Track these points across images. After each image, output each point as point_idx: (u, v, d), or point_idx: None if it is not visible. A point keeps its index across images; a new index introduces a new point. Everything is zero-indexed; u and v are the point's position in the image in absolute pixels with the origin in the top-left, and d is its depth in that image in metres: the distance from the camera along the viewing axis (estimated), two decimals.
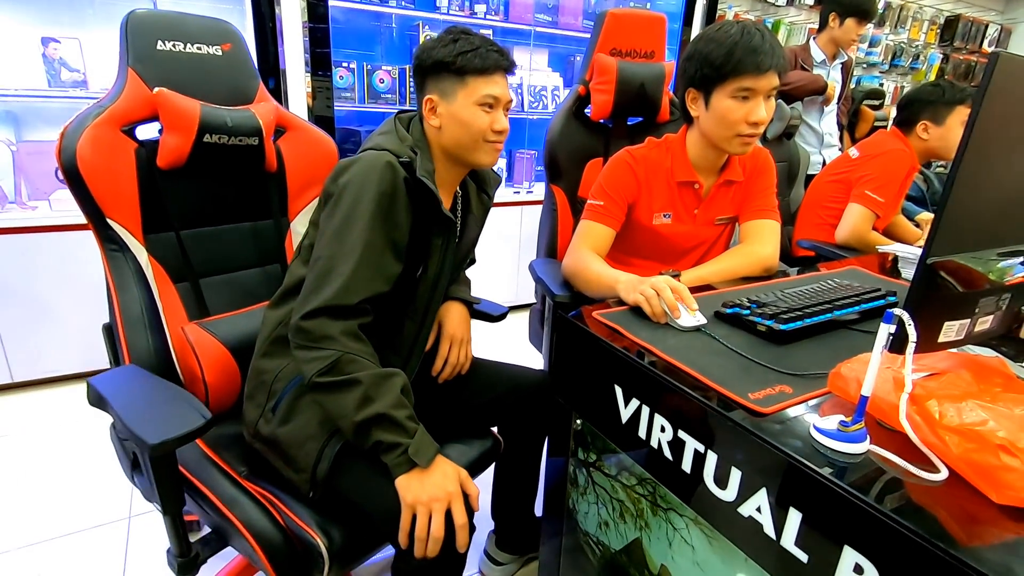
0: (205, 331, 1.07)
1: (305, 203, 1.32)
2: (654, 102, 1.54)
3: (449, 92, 0.97)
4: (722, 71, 1.09)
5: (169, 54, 1.09)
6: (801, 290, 1.00)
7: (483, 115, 0.97)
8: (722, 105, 1.11)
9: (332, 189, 0.91)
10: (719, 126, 1.14)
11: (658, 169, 1.26)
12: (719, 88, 1.11)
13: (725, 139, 1.15)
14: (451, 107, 0.97)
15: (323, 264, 0.87)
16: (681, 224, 1.30)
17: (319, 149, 1.32)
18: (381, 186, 0.88)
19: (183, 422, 0.76)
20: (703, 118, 1.17)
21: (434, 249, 1.00)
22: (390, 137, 0.97)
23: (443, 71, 0.96)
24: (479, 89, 0.96)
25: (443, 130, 0.99)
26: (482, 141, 0.99)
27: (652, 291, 0.92)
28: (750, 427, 0.64)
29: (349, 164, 0.91)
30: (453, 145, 1.00)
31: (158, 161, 1.07)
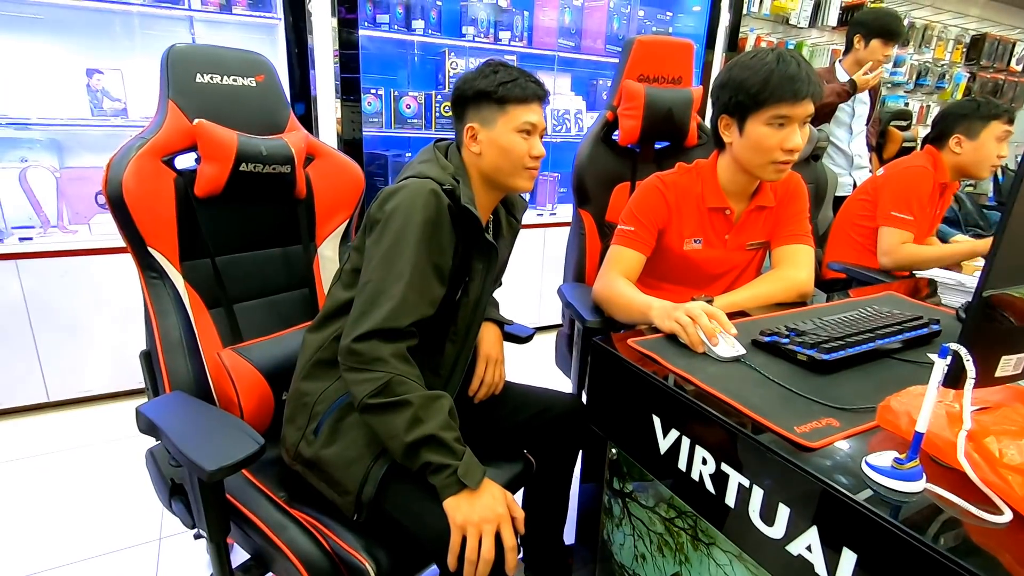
0: (240, 356, 1.09)
1: (332, 228, 1.34)
2: (682, 127, 1.54)
3: (490, 120, 1.01)
4: (758, 98, 1.08)
5: (207, 86, 1.13)
6: (840, 317, 0.98)
7: (521, 141, 1.00)
8: (757, 132, 1.11)
9: (379, 215, 0.93)
10: (754, 153, 1.13)
11: (689, 194, 1.26)
12: (754, 115, 1.11)
13: (759, 166, 1.15)
14: (491, 134, 1.01)
15: (373, 288, 0.88)
16: (712, 249, 1.29)
17: (346, 175, 1.34)
18: (426, 212, 0.90)
19: (238, 448, 0.76)
20: (736, 145, 1.16)
21: (475, 273, 1.02)
22: (432, 165, 1.00)
23: (484, 100, 1.00)
24: (518, 116, 0.99)
25: (483, 156, 1.02)
26: (520, 167, 1.02)
27: (688, 318, 0.91)
28: (798, 462, 0.62)
29: (395, 191, 0.93)
30: (493, 170, 1.03)
31: (196, 190, 1.10)
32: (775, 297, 1.19)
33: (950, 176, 1.77)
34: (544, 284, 2.89)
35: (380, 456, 0.89)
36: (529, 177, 1.04)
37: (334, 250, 1.35)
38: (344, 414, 0.94)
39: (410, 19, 2.51)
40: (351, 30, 2.20)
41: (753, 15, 3.45)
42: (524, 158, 1.01)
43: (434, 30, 2.58)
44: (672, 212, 1.26)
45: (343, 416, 0.93)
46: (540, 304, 2.94)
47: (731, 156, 1.20)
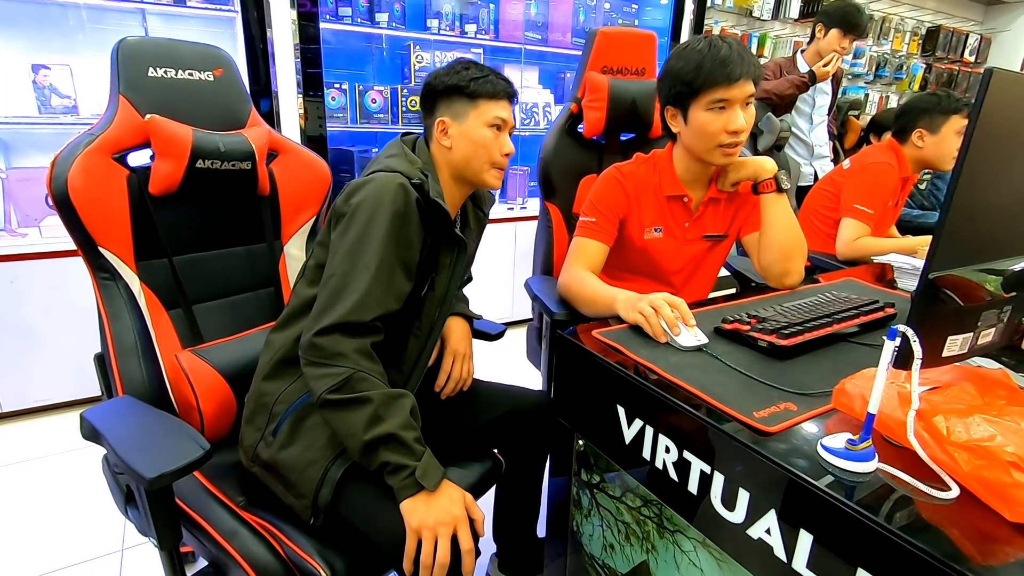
0: (199, 358, 1.06)
1: (298, 226, 1.32)
2: (646, 118, 1.55)
3: (460, 114, 1.01)
4: (693, 86, 1.10)
5: (161, 81, 1.09)
6: (799, 303, 1.00)
7: (492, 135, 1.01)
8: (699, 119, 1.12)
9: (344, 209, 0.91)
10: (699, 139, 1.15)
11: (647, 184, 1.27)
12: (694, 103, 1.12)
13: (707, 151, 1.16)
14: (462, 127, 1.01)
15: (336, 281, 0.87)
16: (672, 239, 1.30)
17: (312, 172, 1.31)
18: (395, 206, 0.89)
19: (181, 454, 0.74)
20: (684, 133, 1.18)
21: (442, 267, 1.01)
22: (399, 159, 0.99)
23: (456, 94, 1.01)
24: (489, 111, 1.01)
25: (454, 150, 1.02)
26: (490, 162, 1.03)
27: (651, 309, 0.92)
28: (756, 447, 0.63)
29: (361, 184, 0.92)
30: (463, 164, 1.03)
31: (150, 187, 1.06)
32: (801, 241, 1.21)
33: (912, 169, 1.82)
34: (516, 279, 2.89)
35: (338, 458, 0.87)
36: (498, 175, 1.06)
37: (300, 248, 1.33)
38: (304, 414, 0.92)
39: (373, 12, 2.47)
40: (312, 23, 2.15)
41: (717, 8, 3.50)
42: (494, 153, 1.02)
43: (398, 23, 2.54)
44: (631, 202, 1.26)
45: (303, 416, 0.92)
46: (512, 299, 2.94)
47: (682, 145, 1.21)
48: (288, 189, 1.28)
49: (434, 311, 1.02)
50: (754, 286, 1.44)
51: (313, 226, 1.34)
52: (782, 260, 1.19)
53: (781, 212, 1.18)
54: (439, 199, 0.95)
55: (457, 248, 1.02)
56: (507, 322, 2.98)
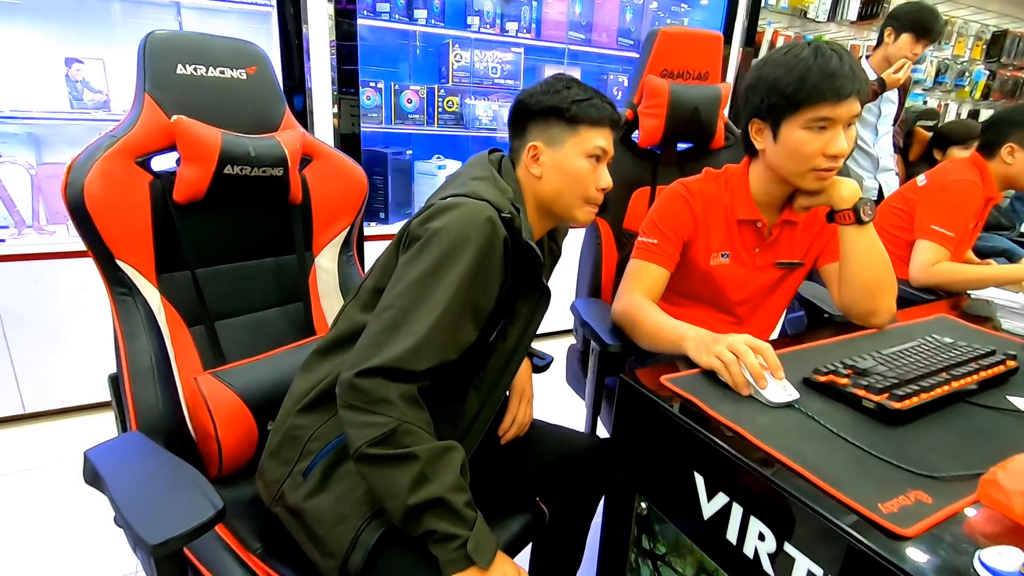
0: (220, 382, 0.97)
1: (331, 236, 1.22)
2: (708, 127, 1.41)
3: (557, 140, 0.89)
4: (794, 99, 0.96)
5: (190, 79, 1.00)
6: (900, 351, 0.86)
7: (589, 168, 0.89)
8: (794, 137, 0.98)
9: (420, 232, 0.80)
10: (791, 160, 1.01)
11: (716, 204, 1.14)
12: (790, 119, 0.98)
13: (798, 174, 1.02)
14: (557, 156, 0.89)
15: (393, 316, 0.76)
16: (740, 266, 1.17)
17: (347, 179, 1.22)
18: (480, 242, 0.77)
19: (191, 513, 0.64)
20: (771, 152, 1.04)
21: (519, 315, 0.89)
22: (488, 185, 0.86)
23: (553, 117, 0.89)
24: (590, 140, 0.88)
25: (544, 180, 0.91)
26: (583, 198, 0.91)
27: (731, 355, 0.79)
28: (890, 557, 0.50)
29: (446, 208, 0.80)
30: (552, 197, 0.91)
31: (175, 195, 0.97)
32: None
33: (997, 188, 1.64)
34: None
35: (374, 517, 0.76)
36: (590, 212, 0.94)
37: (333, 260, 1.23)
38: (340, 457, 0.81)
39: (412, 8, 2.38)
40: (349, 19, 2.06)
41: (771, 8, 3.32)
42: (589, 187, 0.90)
43: (437, 20, 2.45)
44: (699, 223, 1.14)
45: (339, 460, 0.81)
46: None
47: (765, 164, 1.07)
48: (322, 197, 1.18)
49: (502, 364, 0.90)
50: (827, 317, 1.29)
51: (346, 237, 1.25)
52: (867, 298, 1.05)
53: (864, 245, 1.04)
54: (531, 241, 0.83)
55: (539, 297, 0.90)
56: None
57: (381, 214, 2.35)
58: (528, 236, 0.83)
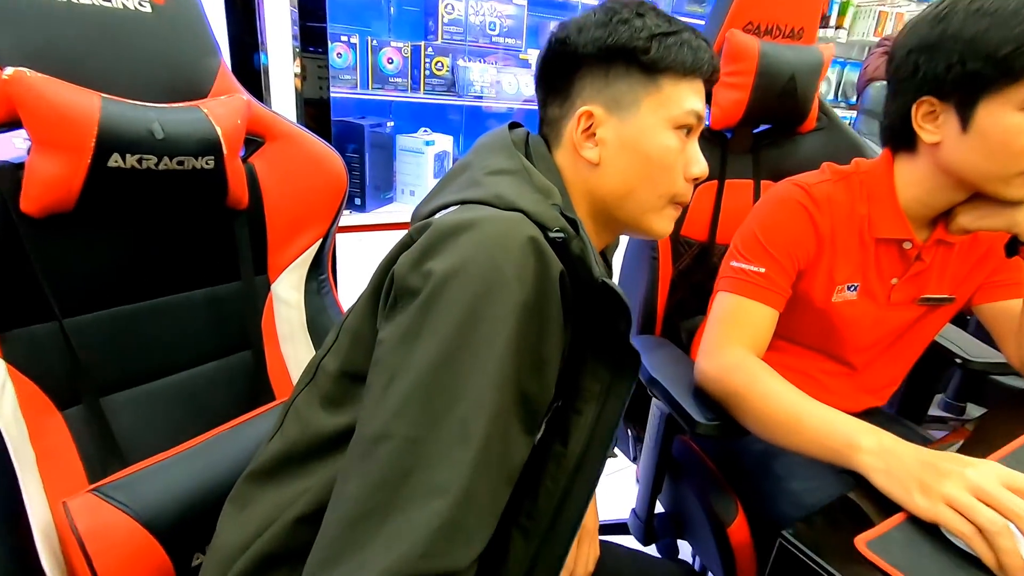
0: (109, 503, 0.60)
1: (295, 253, 0.86)
2: (804, 104, 1.06)
3: (626, 103, 0.56)
4: (1008, 67, 0.63)
5: (50, 9, 0.61)
6: None
7: (678, 146, 0.57)
8: (1004, 123, 0.65)
9: (415, 281, 0.45)
10: (993, 158, 0.68)
11: (850, 217, 0.81)
12: (998, 95, 0.65)
13: (1001, 179, 0.69)
14: (626, 128, 0.56)
15: (393, 460, 0.40)
16: (871, 302, 0.84)
17: (318, 170, 0.84)
18: (523, 291, 0.43)
19: None
20: (954, 145, 0.70)
21: (588, 398, 0.52)
22: (519, 183, 0.53)
23: (618, 63, 0.56)
24: (680, 99, 0.56)
25: (606, 169, 0.58)
26: (666, 199, 0.59)
27: (990, 515, 0.46)
28: None
29: (453, 232, 0.45)
30: (619, 196, 0.59)
31: (23, 203, 0.59)
32: None
33: None
34: None
35: None
36: (672, 215, 0.61)
37: (297, 288, 0.87)
38: None
39: None
40: None
41: None
42: (677, 178, 0.58)
43: None
44: (823, 245, 0.80)
45: None
46: None
47: (934, 162, 0.74)
48: (280, 198, 0.81)
49: (564, 481, 0.52)
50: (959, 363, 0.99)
51: (318, 255, 0.88)
52: None
53: None
54: (604, 276, 0.48)
55: (621, 366, 0.53)
56: None
57: (357, 199, 1.95)
58: (602, 274, 0.49)
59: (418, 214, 0.58)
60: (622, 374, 0.54)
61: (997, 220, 0.73)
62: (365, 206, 1.95)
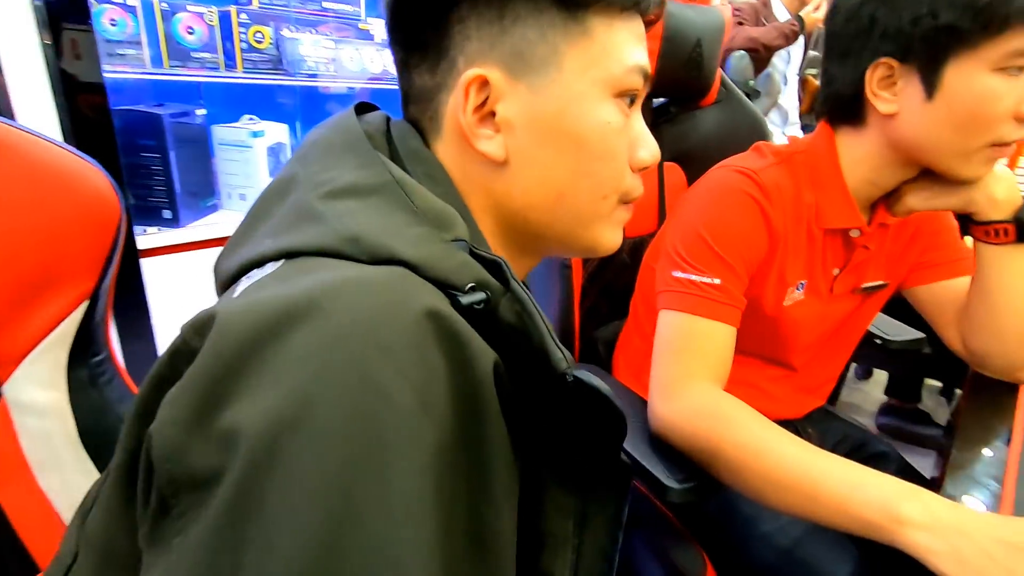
0: None
1: (39, 332, 0.54)
2: (709, 73, 0.94)
3: (540, 57, 0.36)
4: (991, 16, 0.53)
5: None
6: None
7: (620, 123, 0.39)
8: (976, 87, 0.56)
9: (204, 459, 0.23)
10: (962, 130, 0.58)
11: (797, 207, 0.69)
12: (974, 52, 0.55)
13: (962, 155, 0.60)
14: (543, 97, 0.37)
15: None
16: (816, 298, 0.74)
17: (70, 199, 0.52)
18: (434, 424, 0.25)
19: None
20: (917, 115, 0.60)
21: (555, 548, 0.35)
22: (385, 204, 0.33)
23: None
24: (622, 49, 0.38)
25: (517, 166, 0.38)
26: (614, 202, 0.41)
27: None
28: None
29: (266, 334, 0.25)
30: (546, 206, 0.40)
31: None
32: None
33: None
34: None
35: None
36: (621, 220, 0.42)
37: (53, 382, 0.57)
38: None
39: None
40: None
41: None
42: (623, 169, 0.40)
43: None
44: (776, 243, 0.68)
45: None
46: None
47: (886, 137, 0.64)
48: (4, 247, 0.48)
49: None
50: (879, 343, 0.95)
51: (84, 324, 0.56)
52: (1015, 347, 0.69)
53: (1022, 273, 0.67)
54: (575, 371, 0.30)
55: (607, 488, 0.36)
56: None
57: (166, 212, 1.51)
58: (556, 345, 0.31)
59: (218, 279, 0.35)
60: (603, 498, 0.36)
61: (950, 200, 0.65)
62: (178, 219, 1.52)
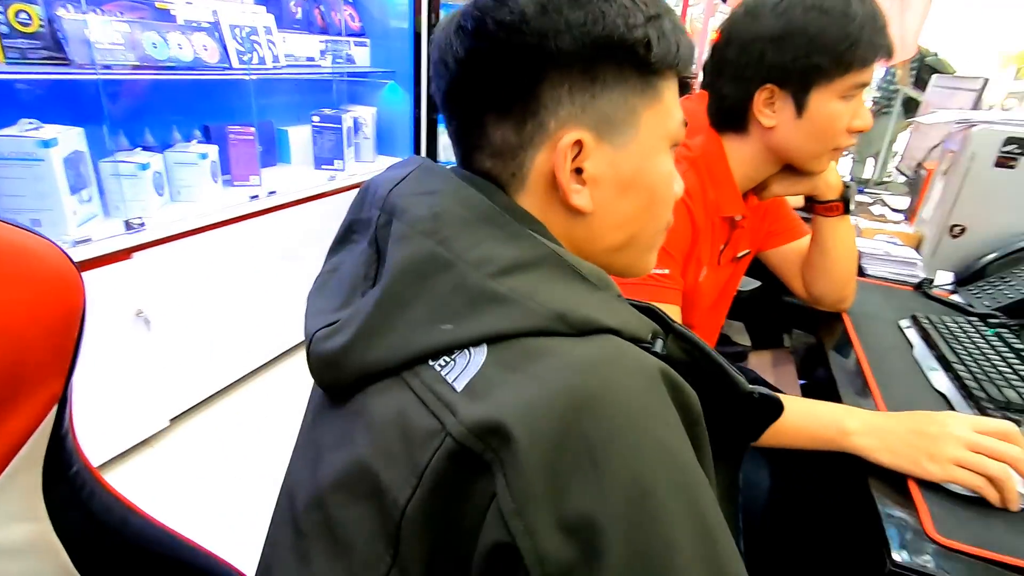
0: None
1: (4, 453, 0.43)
2: None
3: (622, 120, 0.41)
4: (844, 60, 0.73)
5: None
6: (984, 352, 0.78)
7: (672, 167, 0.46)
8: (830, 109, 0.76)
9: (569, 551, 0.28)
10: (816, 139, 0.79)
11: (704, 202, 0.85)
12: (829, 85, 0.75)
13: (816, 156, 0.82)
14: (624, 155, 0.42)
15: None
16: (711, 271, 0.93)
17: (19, 287, 0.42)
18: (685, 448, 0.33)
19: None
20: (787, 128, 0.79)
21: None
22: (559, 275, 0.37)
23: (612, 62, 0.40)
24: (674, 107, 0.44)
25: (600, 216, 0.43)
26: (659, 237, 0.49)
27: (997, 467, 0.55)
28: None
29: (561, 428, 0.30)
30: (620, 246, 0.46)
31: None
32: None
33: None
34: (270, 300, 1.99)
35: None
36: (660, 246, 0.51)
37: (30, 512, 0.46)
38: None
39: None
40: None
41: None
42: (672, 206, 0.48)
43: None
44: (697, 234, 0.83)
45: None
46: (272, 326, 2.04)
47: (763, 143, 0.83)
48: None
49: None
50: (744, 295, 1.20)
51: (54, 438, 0.46)
52: (841, 287, 0.96)
53: (846, 235, 0.93)
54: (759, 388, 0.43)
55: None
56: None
57: None
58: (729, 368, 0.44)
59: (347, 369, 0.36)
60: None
61: (802, 186, 0.88)
62: None
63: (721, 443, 0.42)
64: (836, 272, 0.95)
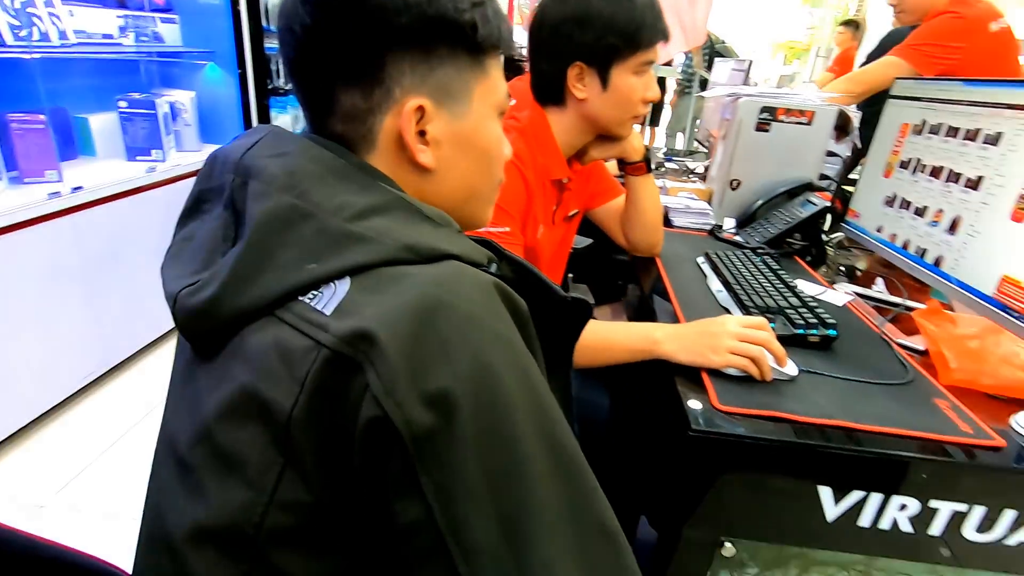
0: None
1: None
2: None
3: (457, 91, 0.49)
4: (634, 40, 0.88)
5: None
6: (764, 280, 0.99)
7: (498, 135, 0.55)
8: (626, 83, 0.92)
9: (428, 417, 0.35)
10: (619, 108, 0.95)
11: (535, 166, 0.96)
12: (623, 63, 0.90)
13: (621, 123, 0.98)
14: (461, 122, 0.50)
15: None
16: (548, 229, 1.06)
17: None
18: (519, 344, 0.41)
19: None
20: (595, 100, 0.94)
21: None
22: (406, 216, 0.44)
23: (445, 42, 0.47)
24: (500, 81, 0.52)
25: (442, 174, 0.51)
26: (495, 194, 0.58)
27: (757, 351, 0.73)
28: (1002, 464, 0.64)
29: (421, 327, 0.36)
30: (462, 201, 0.54)
31: None
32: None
33: None
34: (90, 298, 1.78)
35: None
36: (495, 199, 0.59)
37: None
38: None
39: None
40: None
41: None
42: (500, 168, 0.57)
43: None
44: (531, 195, 0.95)
45: None
46: (92, 341, 1.82)
47: (578, 114, 0.96)
48: None
49: None
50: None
51: None
52: (651, 233, 1.15)
53: (651, 190, 1.11)
54: (570, 294, 0.53)
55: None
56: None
57: None
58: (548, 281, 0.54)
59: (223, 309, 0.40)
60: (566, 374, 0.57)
61: (614, 150, 1.03)
62: None
63: (550, 353, 0.51)
64: (646, 221, 1.13)
